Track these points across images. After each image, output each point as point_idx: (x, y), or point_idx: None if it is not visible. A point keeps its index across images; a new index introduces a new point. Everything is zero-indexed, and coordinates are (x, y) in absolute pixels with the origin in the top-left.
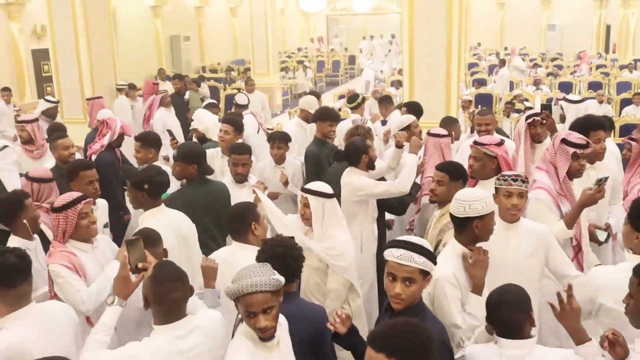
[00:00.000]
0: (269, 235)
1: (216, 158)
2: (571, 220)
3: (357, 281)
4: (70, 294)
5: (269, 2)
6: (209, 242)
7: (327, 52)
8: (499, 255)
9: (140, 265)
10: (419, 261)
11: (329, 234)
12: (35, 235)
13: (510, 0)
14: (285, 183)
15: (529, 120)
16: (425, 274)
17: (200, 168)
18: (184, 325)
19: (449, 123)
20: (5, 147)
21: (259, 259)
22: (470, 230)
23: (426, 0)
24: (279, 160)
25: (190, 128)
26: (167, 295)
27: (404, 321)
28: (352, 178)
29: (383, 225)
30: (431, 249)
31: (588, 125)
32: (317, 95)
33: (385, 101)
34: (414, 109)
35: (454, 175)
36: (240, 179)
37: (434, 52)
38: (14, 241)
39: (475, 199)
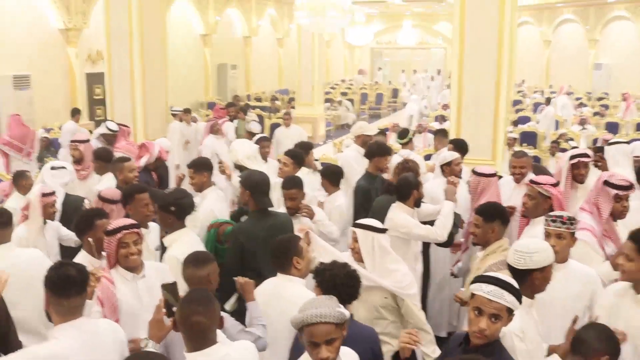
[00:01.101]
0: None
1: (276, 189)
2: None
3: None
4: None
5: (317, 34)
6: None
7: (370, 85)
8: (545, 295)
9: (174, 308)
10: (509, 299)
11: (391, 269)
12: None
13: (557, 38)
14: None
15: (574, 161)
16: (510, 312)
17: (255, 197)
18: (211, 353)
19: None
20: (62, 167)
21: (326, 282)
22: (530, 281)
23: (477, 37)
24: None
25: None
26: (188, 318)
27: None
28: (395, 214)
29: (427, 261)
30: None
31: None
32: (383, 133)
33: (440, 134)
34: (460, 146)
35: (488, 216)
36: (290, 212)
37: (482, 89)
38: (80, 256)
39: (536, 250)
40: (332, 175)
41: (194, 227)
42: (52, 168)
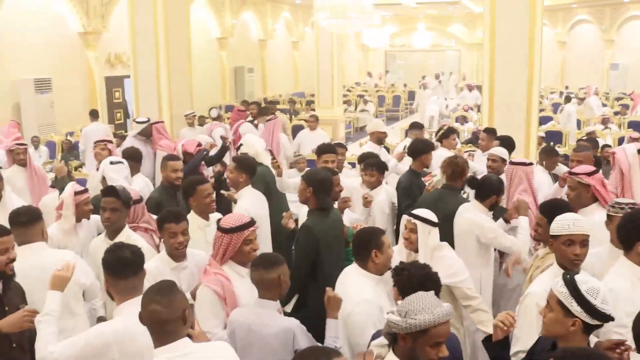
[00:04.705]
0: None
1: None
2: None
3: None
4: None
5: (335, 36)
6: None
7: (386, 87)
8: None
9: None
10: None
11: (438, 256)
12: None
13: (572, 39)
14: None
15: None
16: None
17: (317, 195)
18: (178, 347)
19: (579, 150)
20: (120, 162)
21: (401, 281)
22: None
23: (508, 37)
24: (370, 185)
25: (240, 152)
26: (146, 306)
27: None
28: (480, 217)
29: None
30: None
31: None
32: (420, 126)
33: (491, 133)
34: (507, 143)
35: (552, 216)
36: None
37: (514, 89)
38: (159, 255)
39: (556, 220)
40: (379, 166)
41: None
42: (111, 163)
